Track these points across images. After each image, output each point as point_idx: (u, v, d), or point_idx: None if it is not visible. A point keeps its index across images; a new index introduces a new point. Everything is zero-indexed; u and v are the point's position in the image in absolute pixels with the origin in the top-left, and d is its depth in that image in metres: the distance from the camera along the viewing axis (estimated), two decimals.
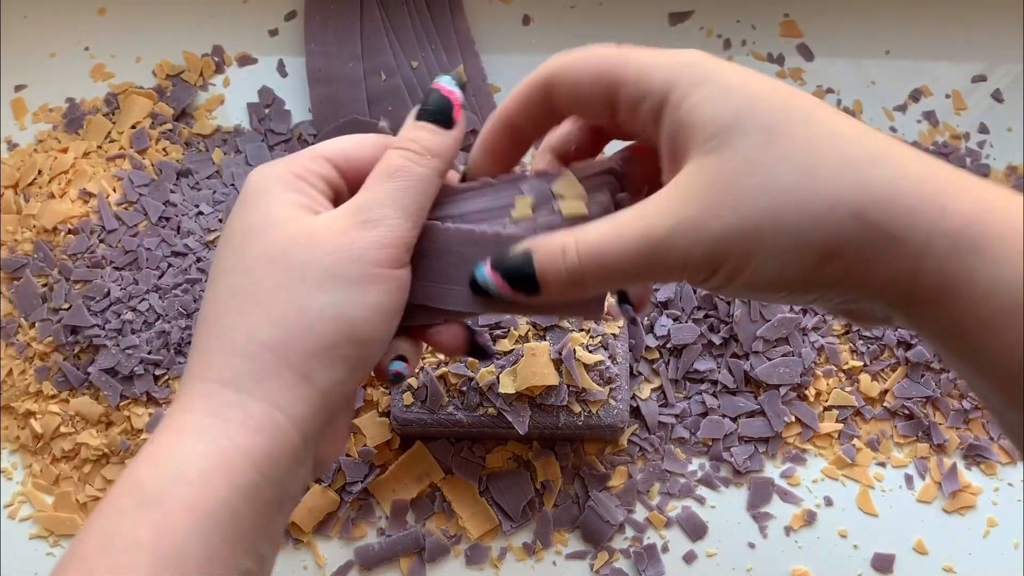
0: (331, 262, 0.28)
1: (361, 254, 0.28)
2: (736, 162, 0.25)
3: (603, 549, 0.46)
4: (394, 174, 0.30)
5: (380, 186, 0.30)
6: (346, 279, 0.28)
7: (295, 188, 0.30)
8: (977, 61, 0.60)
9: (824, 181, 0.24)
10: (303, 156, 0.31)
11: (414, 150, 0.31)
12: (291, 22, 0.60)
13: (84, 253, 0.48)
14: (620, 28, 0.60)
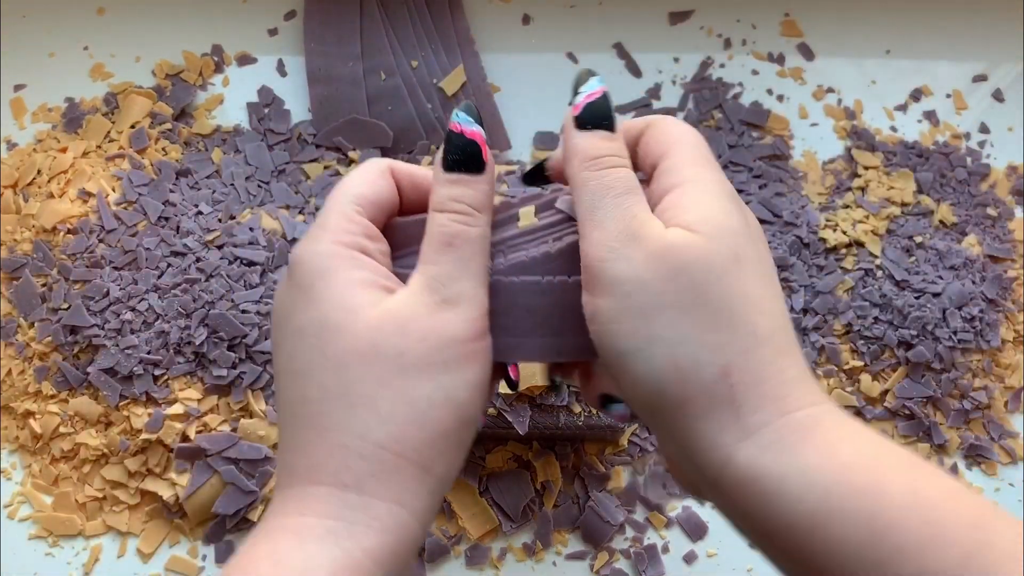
0: (425, 349, 0.28)
1: (452, 335, 0.28)
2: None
3: (603, 549, 0.46)
4: (453, 242, 0.29)
5: (444, 258, 0.29)
6: (444, 364, 0.28)
7: (353, 263, 0.29)
8: (978, 61, 0.60)
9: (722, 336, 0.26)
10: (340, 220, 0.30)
11: (462, 211, 0.30)
12: (291, 21, 0.60)
13: (83, 253, 0.48)
14: (620, 28, 0.60)
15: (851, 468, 0.24)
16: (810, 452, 0.25)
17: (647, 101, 0.58)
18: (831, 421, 0.26)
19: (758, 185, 0.54)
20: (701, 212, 0.28)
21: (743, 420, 0.25)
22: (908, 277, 0.50)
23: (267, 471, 0.45)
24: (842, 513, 0.24)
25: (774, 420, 0.25)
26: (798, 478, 0.24)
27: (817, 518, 0.24)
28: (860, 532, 0.23)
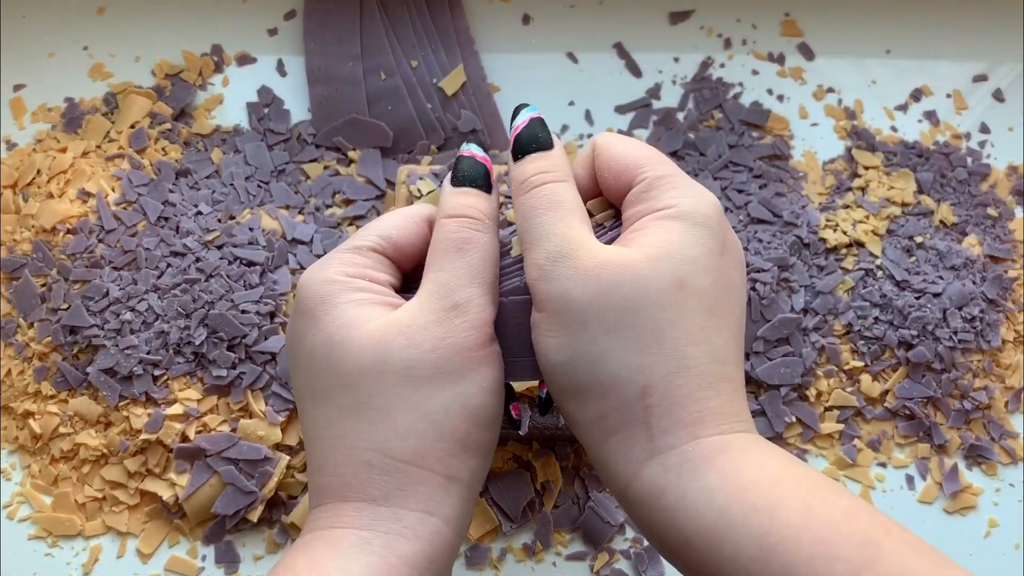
0: (435, 359, 0.28)
1: (461, 343, 0.28)
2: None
3: (603, 550, 0.46)
4: (463, 247, 0.29)
5: (452, 264, 0.29)
6: (457, 372, 0.28)
7: (354, 287, 0.29)
8: (978, 60, 0.60)
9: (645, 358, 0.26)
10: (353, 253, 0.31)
11: (473, 216, 0.30)
12: (290, 21, 0.60)
13: (83, 253, 0.48)
14: (620, 28, 0.60)
15: (749, 488, 0.25)
16: (713, 473, 0.25)
17: (647, 101, 0.58)
18: (741, 446, 0.26)
19: (758, 185, 0.54)
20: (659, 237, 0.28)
21: (654, 441, 0.26)
22: (908, 277, 0.50)
23: (267, 471, 0.45)
24: (736, 530, 0.24)
25: (683, 444, 0.26)
26: (697, 495, 0.25)
27: (713, 534, 0.24)
28: (752, 548, 0.24)
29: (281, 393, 0.46)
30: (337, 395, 0.28)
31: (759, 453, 0.26)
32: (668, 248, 0.28)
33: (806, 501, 0.25)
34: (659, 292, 0.27)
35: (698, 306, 0.27)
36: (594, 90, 0.58)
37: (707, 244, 0.28)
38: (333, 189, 0.53)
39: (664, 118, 0.57)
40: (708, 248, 0.28)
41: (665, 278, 0.27)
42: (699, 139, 0.56)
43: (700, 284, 0.27)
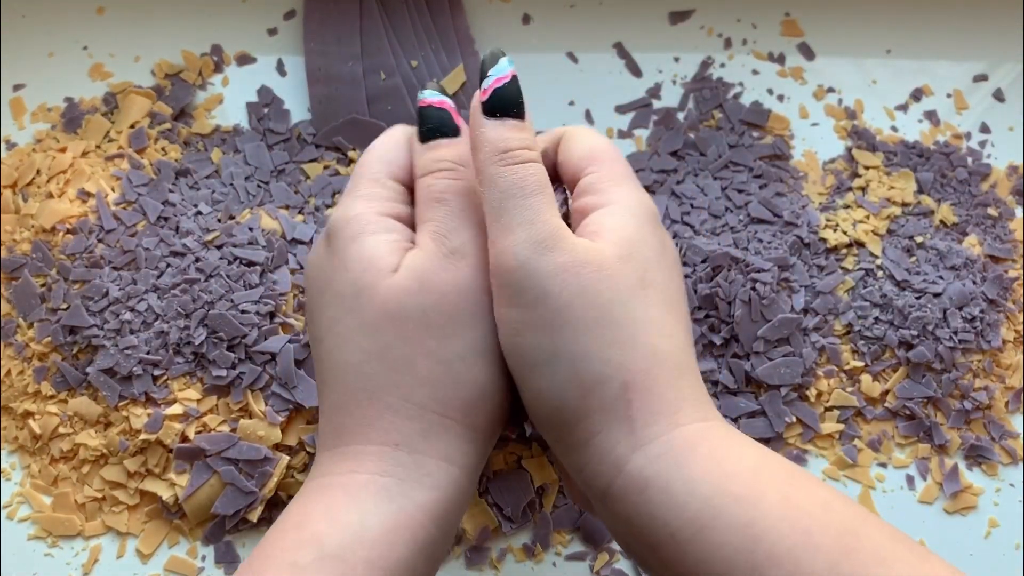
0: (445, 306, 0.28)
1: (467, 287, 0.28)
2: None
3: (603, 550, 0.46)
4: (442, 197, 0.29)
5: (438, 213, 0.29)
6: (470, 316, 0.28)
7: (383, 227, 0.30)
8: (979, 60, 0.60)
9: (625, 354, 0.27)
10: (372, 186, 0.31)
11: (445, 168, 0.30)
12: (290, 21, 0.60)
13: (82, 253, 0.48)
14: (620, 28, 0.60)
15: (732, 478, 0.25)
16: (696, 463, 0.26)
17: (647, 101, 0.58)
18: (719, 435, 0.27)
19: (758, 185, 0.54)
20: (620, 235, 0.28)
21: (636, 434, 0.26)
22: (909, 277, 0.50)
23: (267, 471, 0.45)
24: (721, 520, 0.24)
25: (665, 433, 0.26)
26: (682, 486, 0.25)
27: (697, 524, 0.25)
28: (736, 538, 0.24)
29: (281, 393, 0.46)
30: (360, 339, 0.28)
31: (737, 443, 0.27)
32: (631, 247, 0.28)
33: (785, 492, 0.25)
34: (630, 290, 0.27)
35: (660, 302, 0.28)
36: (594, 90, 0.58)
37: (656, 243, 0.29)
38: (333, 189, 0.53)
39: (664, 118, 0.57)
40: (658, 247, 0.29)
41: (632, 277, 0.28)
42: (699, 139, 0.56)
43: (659, 281, 0.28)
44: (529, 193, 0.28)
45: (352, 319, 0.28)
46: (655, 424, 0.26)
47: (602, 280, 0.27)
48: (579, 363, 0.26)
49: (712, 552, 0.24)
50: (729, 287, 0.49)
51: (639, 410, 0.26)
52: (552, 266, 0.27)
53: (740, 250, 0.50)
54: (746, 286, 0.49)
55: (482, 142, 0.29)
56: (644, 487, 0.26)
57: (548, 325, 0.27)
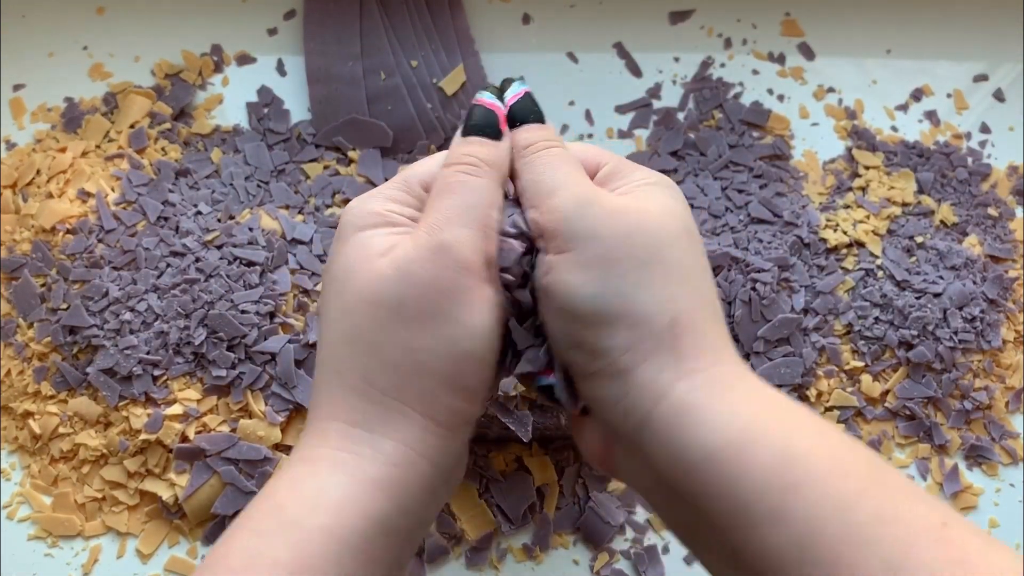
0: (422, 297, 0.28)
1: (446, 283, 0.28)
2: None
3: (603, 550, 0.46)
4: (452, 189, 0.30)
5: (442, 205, 0.30)
6: (442, 312, 0.28)
7: (391, 222, 0.30)
8: (979, 60, 0.60)
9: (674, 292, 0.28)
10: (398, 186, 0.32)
11: (467, 163, 0.31)
12: (290, 21, 0.60)
13: (82, 253, 0.48)
14: (620, 28, 0.60)
15: (770, 409, 0.27)
16: (737, 393, 0.27)
17: (647, 101, 0.58)
18: (755, 377, 0.28)
19: (758, 185, 0.54)
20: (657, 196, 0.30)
21: (682, 364, 0.27)
22: (909, 277, 0.50)
23: (266, 471, 0.45)
24: (759, 442, 0.25)
25: (709, 367, 0.28)
26: (725, 409, 0.26)
27: (736, 445, 0.26)
28: (773, 459, 0.25)
29: (281, 393, 0.46)
30: (339, 320, 0.29)
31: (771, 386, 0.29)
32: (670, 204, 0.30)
33: (820, 427, 0.26)
34: (675, 236, 0.29)
35: (701, 253, 0.30)
36: (594, 90, 0.58)
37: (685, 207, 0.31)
38: (333, 189, 0.53)
39: (664, 118, 0.57)
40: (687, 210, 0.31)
41: (676, 224, 0.29)
42: (699, 139, 0.56)
43: (697, 235, 0.30)
44: (559, 165, 0.30)
45: (337, 301, 0.30)
46: (700, 358, 0.28)
47: (649, 224, 0.29)
48: (628, 297, 0.28)
49: (748, 471, 0.25)
50: (729, 287, 0.49)
51: (685, 344, 0.28)
52: (599, 212, 0.29)
53: (740, 250, 0.50)
54: (746, 286, 0.49)
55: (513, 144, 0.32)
56: (687, 410, 0.27)
57: (599, 263, 0.28)
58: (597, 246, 0.28)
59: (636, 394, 0.28)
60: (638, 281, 0.28)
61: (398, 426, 0.28)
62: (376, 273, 0.29)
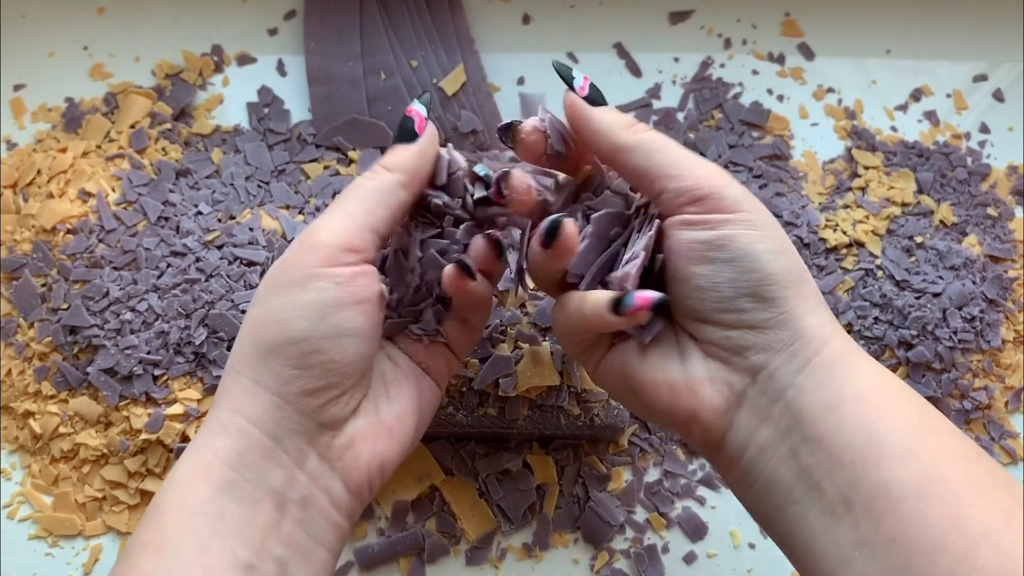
0: (273, 277, 0.32)
1: (299, 260, 0.32)
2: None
3: (603, 550, 0.46)
4: (346, 192, 0.33)
5: (332, 203, 0.33)
6: (282, 286, 0.31)
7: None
8: (978, 60, 0.60)
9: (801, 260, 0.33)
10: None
11: (371, 170, 0.34)
12: (290, 21, 0.60)
13: (83, 253, 0.48)
14: (620, 28, 0.60)
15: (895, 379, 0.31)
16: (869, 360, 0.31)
17: (647, 101, 0.58)
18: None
19: (758, 185, 0.54)
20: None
21: (835, 322, 0.31)
22: (908, 277, 0.50)
23: None
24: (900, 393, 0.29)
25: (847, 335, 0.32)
26: (871, 361, 0.31)
27: (883, 389, 0.29)
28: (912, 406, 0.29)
29: None
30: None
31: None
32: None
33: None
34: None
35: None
36: None
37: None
38: (333, 189, 0.53)
39: (664, 118, 0.57)
40: None
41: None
42: (699, 139, 0.56)
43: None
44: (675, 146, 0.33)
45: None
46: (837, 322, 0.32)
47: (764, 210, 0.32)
48: (789, 254, 0.31)
49: (889, 412, 0.28)
50: None
51: (829, 312, 0.32)
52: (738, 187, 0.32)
53: None
54: None
55: (606, 123, 0.34)
56: (846, 356, 0.30)
57: (766, 226, 0.31)
58: (747, 209, 0.31)
59: (806, 339, 0.30)
60: (790, 248, 0.32)
61: (233, 395, 0.31)
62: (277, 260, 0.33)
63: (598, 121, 0.34)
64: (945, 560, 0.25)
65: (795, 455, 0.29)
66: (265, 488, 0.30)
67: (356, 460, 0.32)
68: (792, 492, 0.29)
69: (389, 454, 0.33)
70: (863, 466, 0.27)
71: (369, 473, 0.33)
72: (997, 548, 0.25)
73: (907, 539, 0.26)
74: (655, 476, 0.48)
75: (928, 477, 0.27)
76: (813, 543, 0.29)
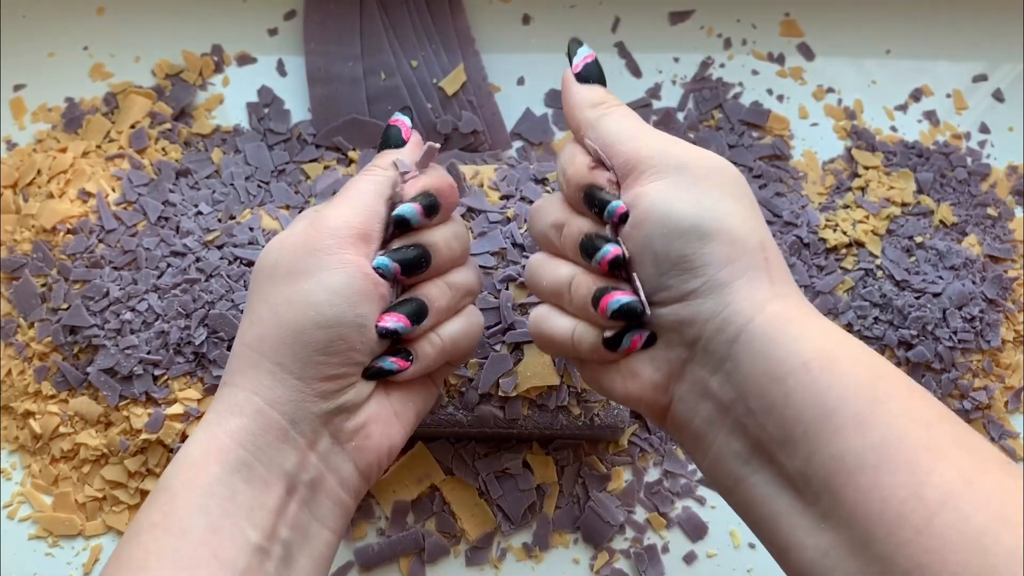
0: (291, 258, 0.32)
1: (314, 245, 0.32)
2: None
3: (603, 550, 0.46)
4: (346, 188, 0.34)
5: (334, 198, 0.34)
6: (304, 270, 0.31)
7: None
8: (978, 60, 0.60)
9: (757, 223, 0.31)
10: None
11: (369, 169, 0.35)
12: (290, 21, 0.60)
13: (83, 253, 0.48)
14: (620, 28, 0.60)
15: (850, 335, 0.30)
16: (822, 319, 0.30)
17: (647, 101, 0.58)
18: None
19: (758, 185, 0.54)
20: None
21: (774, 284, 0.30)
22: (908, 277, 0.50)
23: None
24: (850, 356, 0.28)
25: (794, 294, 0.30)
26: (816, 326, 0.29)
27: (829, 356, 0.28)
28: (865, 372, 0.27)
29: None
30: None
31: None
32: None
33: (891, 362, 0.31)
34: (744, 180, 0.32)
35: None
36: None
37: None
38: (333, 189, 0.53)
39: (664, 118, 0.57)
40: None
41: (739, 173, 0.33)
42: (699, 139, 0.56)
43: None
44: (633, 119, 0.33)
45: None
46: (786, 285, 0.30)
47: (727, 165, 0.32)
48: (723, 216, 0.30)
49: (839, 380, 0.27)
50: None
51: (774, 268, 0.30)
52: (687, 148, 0.32)
53: None
54: None
55: (579, 100, 0.35)
56: (785, 323, 0.29)
57: (693, 187, 0.30)
58: (689, 174, 0.31)
59: (736, 307, 0.29)
60: (728, 207, 0.30)
61: (250, 375, 0.31)
62: (267, 249, 0.33)
63: (573, 96, 0.35)
64: (905, 531, 0.24)
65: (744, 427, 0.29)
66: (278, 470, 0.31)
67: (368, 441, 0.33)
68: (748, 463, 0.29)
69: (396, 437, 0.34)
70: (816, 440, 0.27)
71: (379, 454, 0.34)
72: (957, 514, 0.24)
73: (866, 512, 0.25)
74: (655, 476, 0.48)
75: (884, 446, 0.26)
76: (774, 515, 0.28)
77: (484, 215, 0.46)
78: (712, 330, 0.30)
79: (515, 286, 0.45)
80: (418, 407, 0.36)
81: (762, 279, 0.30)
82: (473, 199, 0.47)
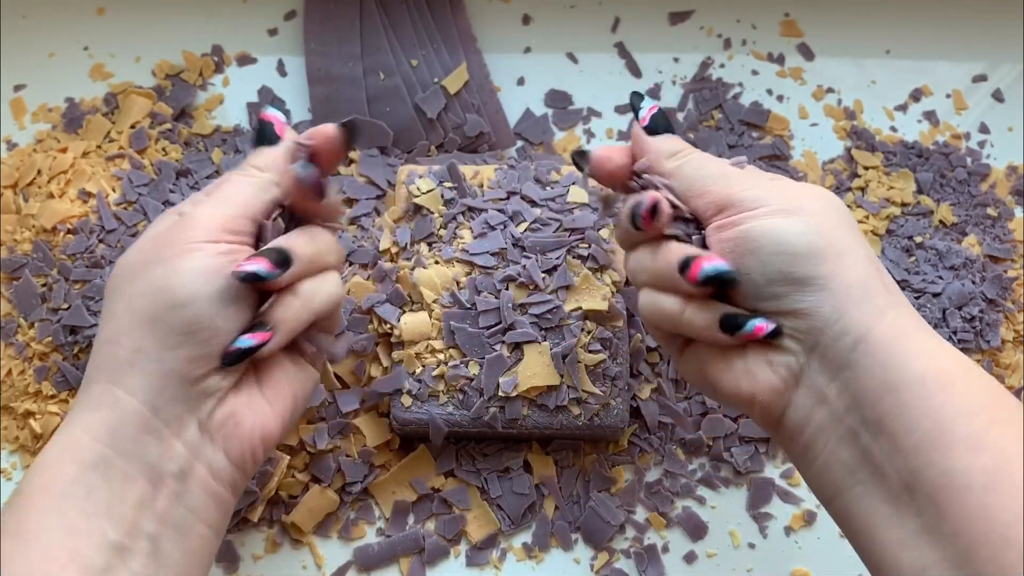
0: (146, 251, 0.32)
1: (174, 237, 0.32)
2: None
3: (603, 550, 0.46)
4: (216, 185, 0.34)
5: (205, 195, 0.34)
6: (162, 259, 0.31)
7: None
8: (978, 61, 0.60)
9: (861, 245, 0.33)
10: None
11: (241, 168, 0.35)
12: (290, 21, 0.60)
13: (83, 253, 0.48)
14: (620, 28, 0.60)
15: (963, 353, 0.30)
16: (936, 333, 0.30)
17: None
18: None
19: None
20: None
21: (890, 295, 0.31)
22: (908, 277, 0.50)
23: (267, 471, 0.45)
24: (969, 376, 0.28)
25: (907, 304, 0.31)
26: (934, 339, 0.30)
27: (950, 373, 0.28)
28: (984, 392, 0.28)
29: None
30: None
31: None
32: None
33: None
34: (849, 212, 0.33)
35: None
36: (594, 90, 0.58)
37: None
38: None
39: None
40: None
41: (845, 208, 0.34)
42: (699, 139, 0.56)
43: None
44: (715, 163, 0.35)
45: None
46: (899, 295, 0.31)
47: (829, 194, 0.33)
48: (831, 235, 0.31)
49: (957, 398, 0.28)
50: None
51: (886, 279, 0.31)
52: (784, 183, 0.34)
53: None
54: None
55: (654, 152, 0.36)
56: (904, 333, 0.29)
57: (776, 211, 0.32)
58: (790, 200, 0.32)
59: (855, 314, 0.30)
60: (832, 226, 0.31)
61: (107, 367, 0.31)
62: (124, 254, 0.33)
63: (649, 148, 0.36)
64: (1009, 555, 0.25)
65: (855, 437, 0.29)
66: (139, 462, 0.30)
67: (237, 429, 0.32)
68: (854, 474, 0.29)
69: (270, 426, 0.33)
70: (928, 453, 0.27)
71: (252, 443, 0.33)
72: None
73: (971, 531, 0.26)
74: (655, 476, 0.48)
75: (995, 469, 0.26)
76: (874, 527, 0.28)
77: (484, 215, 0.46)
78: (830, 337, 0.30)
79: (515, 286, 0.45)
80: (295, 391, 0.35)
81: (877, 287, 0.31)
82: (473, 199, 0.47)
